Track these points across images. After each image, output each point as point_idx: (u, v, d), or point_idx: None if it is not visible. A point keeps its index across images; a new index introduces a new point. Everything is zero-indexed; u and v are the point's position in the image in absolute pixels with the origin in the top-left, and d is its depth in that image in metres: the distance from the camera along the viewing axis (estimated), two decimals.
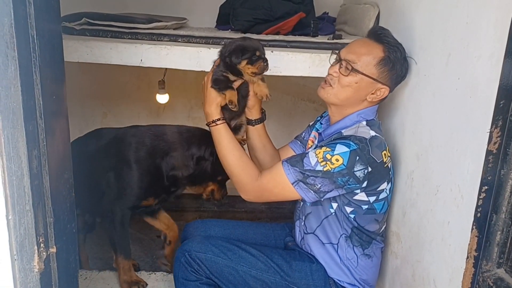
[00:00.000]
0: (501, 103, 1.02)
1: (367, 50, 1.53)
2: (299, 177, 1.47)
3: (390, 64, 1.52)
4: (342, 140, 1.48)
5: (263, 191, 1.56)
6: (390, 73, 1.54)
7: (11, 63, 0.80)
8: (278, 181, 1.51)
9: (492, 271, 1.07)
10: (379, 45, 1.54)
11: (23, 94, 0.83)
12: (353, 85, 1.53)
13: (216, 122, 1.61)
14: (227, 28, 2.43)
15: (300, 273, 1.65)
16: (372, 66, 1.52)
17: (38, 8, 0.88)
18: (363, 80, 1.53)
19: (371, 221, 1.60)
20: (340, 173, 1.44)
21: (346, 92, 1.55)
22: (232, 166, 1.60)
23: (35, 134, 0.90)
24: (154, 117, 3.41)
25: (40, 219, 0.92)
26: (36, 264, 0.90)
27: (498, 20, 1.09)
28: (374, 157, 1.46)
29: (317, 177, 1.45)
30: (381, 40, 1.54)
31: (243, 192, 1.60)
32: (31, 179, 0.87)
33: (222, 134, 1.61)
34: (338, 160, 1.43)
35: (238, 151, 1.60)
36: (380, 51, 1.53)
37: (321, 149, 1.47)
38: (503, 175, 1.02)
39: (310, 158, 1.47)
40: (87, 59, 1.85)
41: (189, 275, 1.67)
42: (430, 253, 1.43)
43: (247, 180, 1.57)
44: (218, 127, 1.61)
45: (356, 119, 1.58)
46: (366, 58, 1.52)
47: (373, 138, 1.50)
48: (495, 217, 1.04)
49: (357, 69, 1.52)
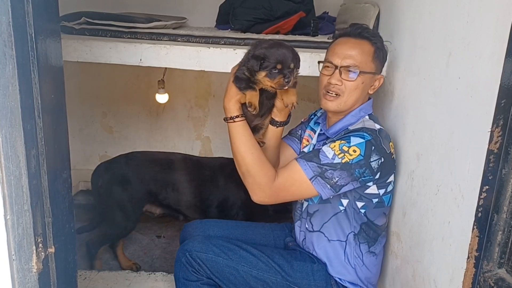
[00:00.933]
0: (502, 103, 1.02)
1: (360, 50, 1.56)
2: (317, 171, 1.46)
3: (380, 54, 1.59)
4: (355, 132, 1.50)
5: (279, 191, 1.52)
6: (381, 62, 1.63)
7: (9, 62, 0.79)
8: (295, 179, 1.49)
9: (493, 271, 1.06)
10: (365, 42, 1.58)
11: (21, 93, 0.82)
12: (360, 86, 1.57)
13: (234, 119, 1.51)
14: (227, 28, 2.42)
15: (301, 273, 1.65)
16: (369, 63, 1.57)
17: (37, 7, 0.87)
18: (367, 78, 1.57)
19: (380, 215, 1.62)
20: (358, 164, 1.45)
21: (355, 95, 1.57)
22: (249, 165, 1.50)
23: (34, 134, 0.89)
24: (153, 117, 3.41)
25: (39, 219, 0.92)
26: (35, 264, 0.90)
27: (499, 20, 1.08)
28: (385, 147, 1.51)
29: (336, 170, 1.45)
30: (364, 36, 1.59)
31: (259, 192, 1.52)
32: (29, 178, 0.87)
33: (239, 132, 1.51)
34: (355, 151, 1.45)
35: (256, 151, 1.52)
36: (369, 46, 1.57)
37: (336, 143, 1.48)
38: (504, 175, 1.01)
39: (326, 152, 1.47)
40: (87, 58, 1.85)
41: (190, 275, 1.66)
42: (431, 253, 1.42)
43: (264, 181, 1.50)
44: (235, 124, 1.51)
45: (359, 115, 1.61)
46: (362, 57, 1.55)
47: (380, 130, 1.55)
48: (496, 217, 1.03)
49: (363, 70, 1.55)
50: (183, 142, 3.46)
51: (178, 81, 3.27)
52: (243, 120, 1.52)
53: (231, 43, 1.96)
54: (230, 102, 1.51)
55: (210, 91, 3.37)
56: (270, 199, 1.53)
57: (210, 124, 3.44)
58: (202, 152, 3.41)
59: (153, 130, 3.45)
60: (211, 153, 3.47)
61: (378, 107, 2.02)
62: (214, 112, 3.42)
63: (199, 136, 3.45)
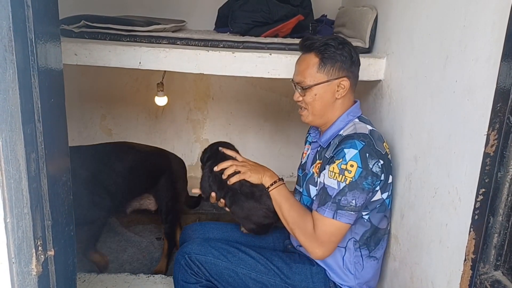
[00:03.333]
0: (498, 106, 1.03)
1: (305, 64, 1.59)
2: (333, 207, 1.47)
3: (328, 61, 1.57)
4: (347, 142, 1.49)
5: (326, 244, 1.52)
6: (335, 67, 1.57)
7: (9, 67, 0.80)
8: (325, 229, 1.50)
9: (489, 274, 1.07)
10: (311, 54, 1.59)
11: (21, 97, 0.83)
12: (315, 97, 1.58)
13: (278, 180, 1.66)
14: (226, 31, 2.44)
15: (300, 275, 1.65)
16: (315, 74, 1.57)
17: (37, 12, 0.88)
18: (319, 88, 1.58)
19: (383, 218, 1.63)
20: (361, 176, 1.46)
21: (317, 106, 1.60)
22: (292, 231, 1.61)
23: (33, 137, 0.90)
24: (153, 119, 3.42)
25: (38, 222, 0.92)
26: (34, 267, 0.90)
27: (495, 23, 1.09)
28: (379, 149, 1.51)
29: (346, 194, 1.46)
30: (310, 48, 1.59)
31: (313, 256, 1.58)
32: (29, 182, 0.87)
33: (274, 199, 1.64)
34: (353, 166, 1.45)
35: (294, 214, 1.60)
36: (313, 57, 1.58)
37: (334, 164, 1.49)
38: (500, 178, 1.02)
39: (331, 185, 1.48)
40: (86, 61, 1.85)
41: (189, 278, 1.67)
42: (428, 255, 1.43)
43: (306, 243, 1.55)
44: (280, 187, 1.64)
45: (347, 119, 1.61)
46: (308, 71, 1.58)
47: (372, 132, 1.55)
48: (492, 220, 1.04)
49: (308, 84, 1.57)
50: (182, 145, 3.47)
51: (177, 84, 3.28)
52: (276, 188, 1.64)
53: (230, 46, 1.97)
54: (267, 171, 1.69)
55: (209, 93, 3.38)
56: (324, 253, 1.55)
57: (209, 126, 3.45)
58: (201, 154, 3.42)
59: (152, 133, 3.45)
60: None
61: (375, 109, 2.03)
62: (213, 115, 3.43)
63: (198, 138, 3.46)
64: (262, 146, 3.46)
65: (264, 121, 3.41)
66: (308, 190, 1.67)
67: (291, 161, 3.25)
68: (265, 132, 3.45)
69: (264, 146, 3.46)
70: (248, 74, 1.89)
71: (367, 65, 1.92)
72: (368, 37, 2.03)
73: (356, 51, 1.63)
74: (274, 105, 3.39)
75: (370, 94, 2.12)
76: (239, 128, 3.44)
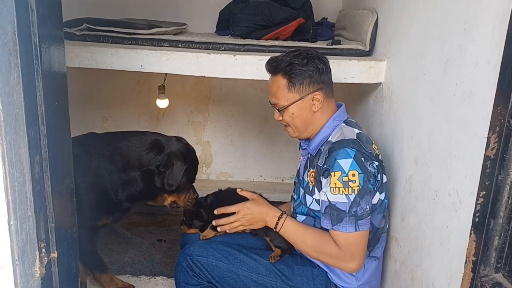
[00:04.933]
0: (498, 109, 1.03)
1: (276, 86, 1.59)
2: (353, 220, 1.48)
3: (296, 80, 1.57)
4: (339, 153, 1.49)
5: (355, 258, 1.52)
6: (304, 83, 1.57)
7: (14, 70, 0.80)
8: (351, 241, 1.50)
9: (490, 276, 1.07)
10: (278, 76, 1.59)
11: (25, 101, 0.84)
12: (293, 115, 1.60)
13: (280, 218, 1.63)
14: (227, 34, 2.45)
15: (302, 277, 1.65)
16: (288, 94, 1.58)
17: (41, 16, 0.89)
18: (294, 107, 1.59)
19: (381, 218, 1.64)
20: (365, 181, 1.48)
21: (296, 123, 1.61)
22: (314, 256, 1.61)
23: (37, 140, 0.91)
24: (154, 121, 3.42)
25: (42, 224, 0.93)
26: (38, 269, 0.91)
27: (495, 27, 1.10)
28: (370, 152, 1.53)
29: (360, 203, 1.48)
30: (277, 70, 1.59)
31: (349, 271, 1.59)
32: (33, 184, 0.88)
33: (286, 232, 1.62)
34: (354, 175, 1.46)
35: (309, 240, 1.59)
36: (281, 79, 1.58)
37: (333, 179, 1.48)
38: (500, 181, 1.02)
39: (338, 200, 1.48)
40: (88, 64, 1.87)
41: (191, 280, 1.67)
42: (429, 258, 1.43)
43: (336, 263, 1.56)
44: (285, 223, 1.62)
45: (334, 124, 1.62)
46: (279, 93, 1.58)
47: (360, 135, 1.56)
48: (493, 222, 1.04)
49: (283, 105, 1.58)
50: None
51: (178, 86, 3.29)
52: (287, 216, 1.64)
53: (231, 49, 1.98)
54: (268, 211, 1.66)
55: (210, 96, 3.39)
56: (359, 264, 1.54)
57: (210, 128, 3.46)
58: (202, 156, 3.42)
59: None
60: (211, 158, 3.48)
61: (376, 112, 2.04)
62: (214, 117, 3.43)
63: (199, 140, 3.46)
64: (262, 148, 3.46)
65: (264, 123, 3.41)
66: (305, 200, 1.67)
67: (292, 163, 3.25)
68: (265, 134, 3.45)
69: (265, 148, 3.46)
70: (249, 77, 1.90)
71: (367, 68, 1.93)
72: (369, 40, 2.03)
73: (322, 58, 1.60)
74: None
75: (371, 96, 2.13)
76: (240, 130, 3.45)
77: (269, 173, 3.50)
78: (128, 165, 1.84)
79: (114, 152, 1.86)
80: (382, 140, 1.91)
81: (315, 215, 1.64)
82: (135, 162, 1.84)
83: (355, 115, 2.27)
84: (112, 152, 1.87)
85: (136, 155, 1.84)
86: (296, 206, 1.74)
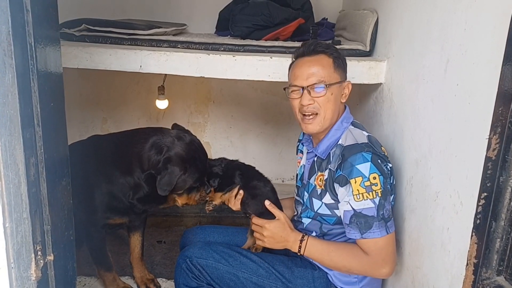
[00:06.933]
0: (499, 110, 1.02)
1: (319, 65, 1.56)
2: (383, 224, 1.47)
3: (339, 62, 1.59)
4: (356, 158, 1.47)
5: (387, 262, 1.50)
6: (343, 68, 1.62)
7: (9, 71, 0.79)
8: (380, 246, 1.48)
9: (491, 279, 1.06)
10: (321, 55, 1.58)
11: (20, 102, 0.83)
12: (331, 97, 1.56)
13: (301, 241, 1.60)
14: (226, 34, 2.44)
15: (302, 279, 1.64)
16: (332, 74, 1.56)
17: (36, 16, 0.88)
18: (334, 88, 1.56)
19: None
20: (385, 182, 1.48)
21: (330, 108, 1.56)
22: (344, 269, 1.58)
23: (33, 142, 0.90)
24: (153, 122, 3.42)
25: (38, 226, 0.92)
26: (33, 272, 0.90)
27: (496, 27, 1.09)
28: (383, 154, 1.54)
29: (385, 205, 1.47)
30: (318, 51, 1.58)
31: (383, 277, 1.57)
32: (28, 186, 0.87)
33: (311, 253, 1.60)
34: (375, 178, 1.45)
35: (334, 256, 1.56)
36: (326, 58, 1.57)
37: (354, 186, 1.46)
38: (502, 182, 1.02)
39: (364, 206, 1.46)
40: (87, 65, 1.86)
41: (190, 281, 1.67)
42: (430, 260, 1.42)
43: (369, 271, 1.54)
44: (307, 246, 1.59)
45: (343, 126, 1.61)
46: (324, 71, 1.55)
47: (369, 138, 1.56)
48: (495, 224, 1.04)
49: (331, 82, 1.55)
50: None
51: (178, 87, 3.28)
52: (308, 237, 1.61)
53: (231, 49, 1.97)
54: (290, 235, 1.62)
55: (210, 97, 3.38)
56: (391, 267, 1.52)
57: (210, 129, 3.45)
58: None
59: None
60: None
61: (376, 113, 2.03)
62: (214, 118, 3.43)
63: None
64: (263, 149, 3.45)
65: (264, 124, 3.41)
66: (312, 204, 1.65)
67: (292, 164, 3.24)
68: (266, 135, 3.44)
69: (265, 149, 3.45)
70: (249, 78, 1.89)
71: (367, 69, 1.92)
72: (369, 40, 2.03)
73: None
74: (274, 108, 3.39)
75: (371, 97, 2.12)
76: (240, 131, 3.44)
77: (269, 174, 3.45)
78: (132, 169, 1.84)
79: (120, 156, 1.87)
80: (382, 141, 1.89)
81: (322, 219, 1.63)
82: (138, 166, 1.83)
83: (356, 116, 2.25)
84: (119, 156, 1.88)
85: (138, 159, 1.82)
86: (302, 210, 1.73)
